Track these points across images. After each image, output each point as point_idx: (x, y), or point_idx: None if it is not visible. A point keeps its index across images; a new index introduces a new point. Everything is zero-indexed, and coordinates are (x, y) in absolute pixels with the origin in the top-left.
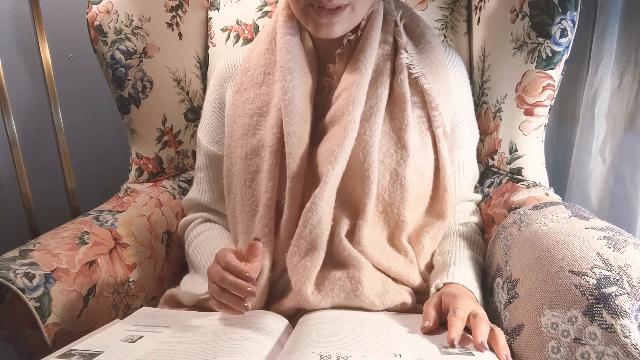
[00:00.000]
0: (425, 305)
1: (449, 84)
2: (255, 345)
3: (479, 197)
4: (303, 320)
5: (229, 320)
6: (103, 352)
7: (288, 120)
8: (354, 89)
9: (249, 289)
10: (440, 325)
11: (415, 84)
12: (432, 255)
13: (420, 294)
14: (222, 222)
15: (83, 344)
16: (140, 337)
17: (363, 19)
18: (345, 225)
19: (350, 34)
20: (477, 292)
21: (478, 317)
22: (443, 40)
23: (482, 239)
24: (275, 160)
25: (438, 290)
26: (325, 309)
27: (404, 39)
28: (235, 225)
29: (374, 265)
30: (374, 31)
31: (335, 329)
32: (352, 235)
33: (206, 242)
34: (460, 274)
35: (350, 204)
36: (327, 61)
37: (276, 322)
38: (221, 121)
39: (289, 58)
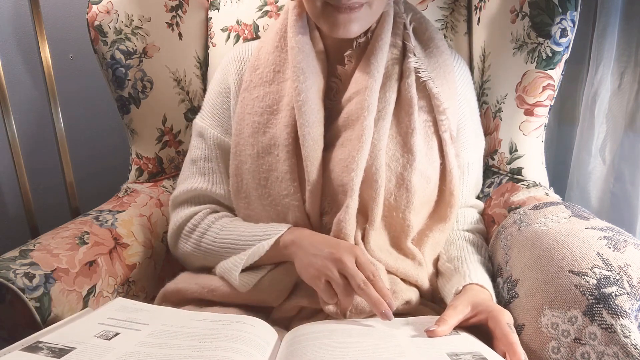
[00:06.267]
0: (452, 311)
1: (455, 88)
2: None
3: (481, 204)
4: (296, 333)
5: (213, 323)
6: (75, 348)
7: (303, 122)
8: (368, 94)
9: (384, 310)
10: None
11: (422, 87)
12: (436, 260)
13: (425, 297)
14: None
15: (52, 336)
16: (116, 334)
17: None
18: (357, 231)
19: (361, 35)
20: (493, 295)
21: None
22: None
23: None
24: (294, 160)
25: (457, 293)
26: (322, 320)
27: (412, 43)
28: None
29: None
30: (385, 34)
31: (334, 343)
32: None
33: (235, 221)
34: (479, 276)
35: (357, 208)
36: (335, 62)
37: (265, 333)
38: (230, 112)
39: (301, 58)
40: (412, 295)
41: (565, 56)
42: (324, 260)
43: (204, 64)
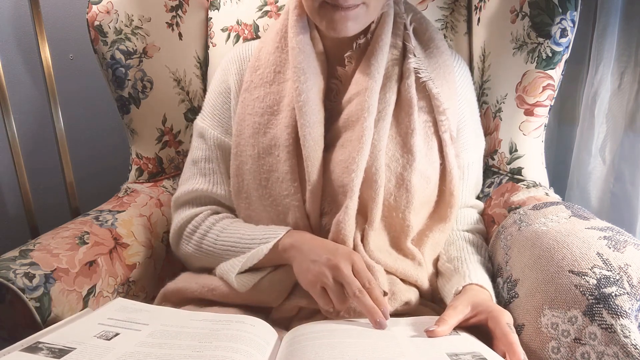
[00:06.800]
0: (451, 311)
1: (455, 88)
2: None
3: (481, 204)
4: (296, 333)
5: (213, 323)
6: (75, 348)
7: (304, 122)
8: (368, 95)
9: (379, 319)
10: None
11: (422, 88)
12: (436, 260)
13: (425, 297)
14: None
15: (52, 337)
16: (116, 334)
17: (373, 22)
18: (357, 231)
19: (361, 36)
20: (493, 296)
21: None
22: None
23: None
24: (295, 160)
25: (457, 294)
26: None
27: (412, 43)
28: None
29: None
30: (385, 35)
31: (334, 343)
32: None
33: (236, 223)
34: (478, 277)
35: (357, 209)
36: (335, 63)
37: (265, 333)
38: (230, 112)
39: (302, 58)
40: (412, 295)
41: (565, 56)
42: (321, 267)
43: (204, 64)
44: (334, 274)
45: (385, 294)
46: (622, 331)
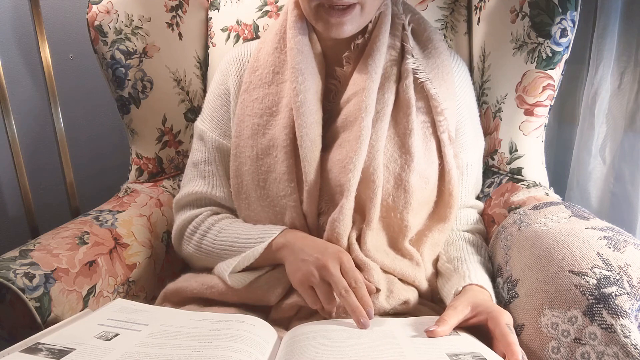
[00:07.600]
0: (451, 311)
1: (454, 89)
2: (245, 359)
3: (480, 204)
4: (296, 333)
5: (213, 323)
6: (75, 349)
7: (301, 122)
8: (366, 94)
9: (362, 320)
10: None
11: (420, 88)
12: (435, 260)
13: (424, 297)
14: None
15: (51, 338)
16: (116, 335)
17: (371, 22)
18: (353, 230)
19: (359, 37)
20: (493, 296)
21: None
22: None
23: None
24: (292, 160)
25: (457, 294)
26: (321, 320)
27: (410, 44)
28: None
29: (380, 268)
30: (383, 35)
31: (334, 343)
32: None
33: (234, 223)
34: (478, 277)
35: (355, 208)
36: (333, 64)
37: (265, 332)
38: (229, 114)
39: (300, 59)
40: (410, 295)
41: (565, 56)
42: (309, 266)
43: (204, 64)
44: (321, 274)
45: (377, 290)
46: (622, 331)
